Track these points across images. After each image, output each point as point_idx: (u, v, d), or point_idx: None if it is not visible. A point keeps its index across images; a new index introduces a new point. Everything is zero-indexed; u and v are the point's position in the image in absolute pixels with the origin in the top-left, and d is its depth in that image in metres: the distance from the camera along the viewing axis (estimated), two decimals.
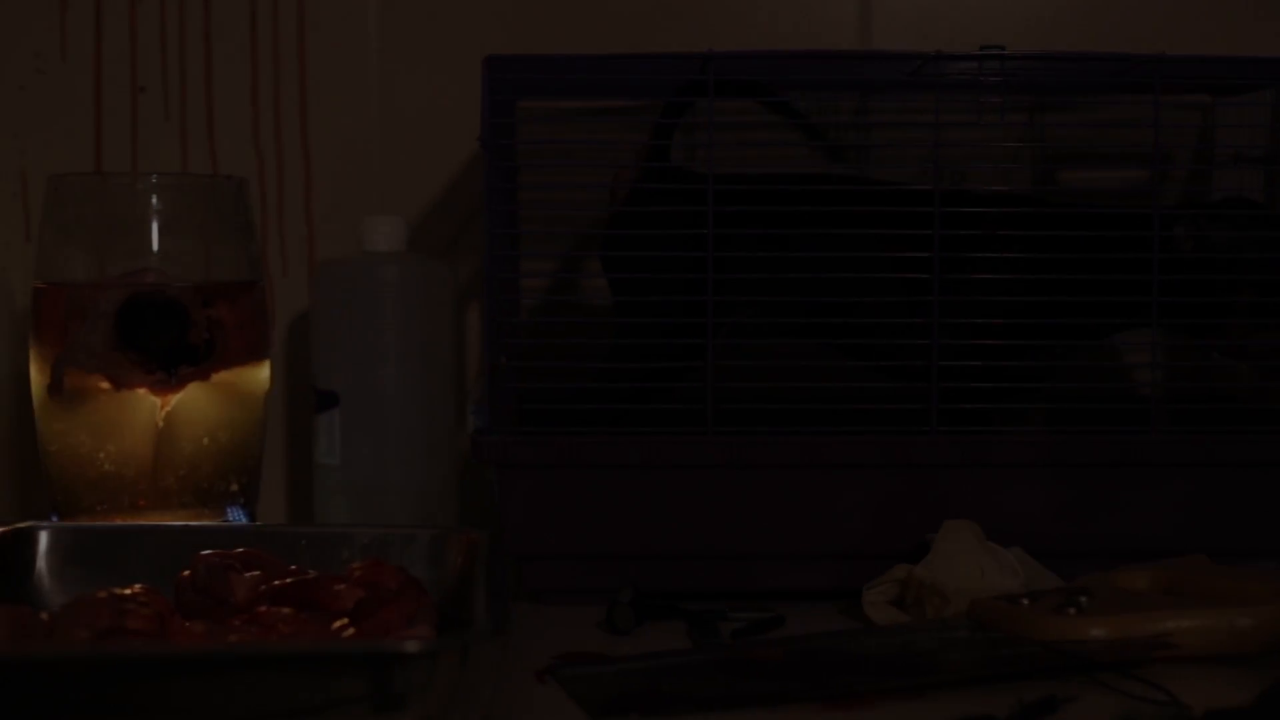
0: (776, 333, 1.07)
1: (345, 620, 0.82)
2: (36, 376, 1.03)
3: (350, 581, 0.86)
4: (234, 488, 1.03)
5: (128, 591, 0.86)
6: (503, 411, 1.01)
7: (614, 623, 0.94)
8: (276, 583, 0.88)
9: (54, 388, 1.01)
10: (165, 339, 1.00)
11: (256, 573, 0.91)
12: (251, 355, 1.04)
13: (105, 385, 1.01)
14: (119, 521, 1.02)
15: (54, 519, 1.04)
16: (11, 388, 1.22)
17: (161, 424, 1.02)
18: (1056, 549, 1.00)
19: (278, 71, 1.25)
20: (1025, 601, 0.90)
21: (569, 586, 1.01)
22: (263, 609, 0.84)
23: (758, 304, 1.03)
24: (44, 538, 0.96)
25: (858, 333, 1.02)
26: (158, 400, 1.02)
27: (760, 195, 1.03)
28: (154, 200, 1.01)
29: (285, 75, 1.25)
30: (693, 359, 1.01)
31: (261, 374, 1.05)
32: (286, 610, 0.83)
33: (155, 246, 1.01)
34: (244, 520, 1.04)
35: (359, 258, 1.14)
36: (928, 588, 0.94)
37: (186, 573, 0.93)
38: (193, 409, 1.01)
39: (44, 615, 0.81)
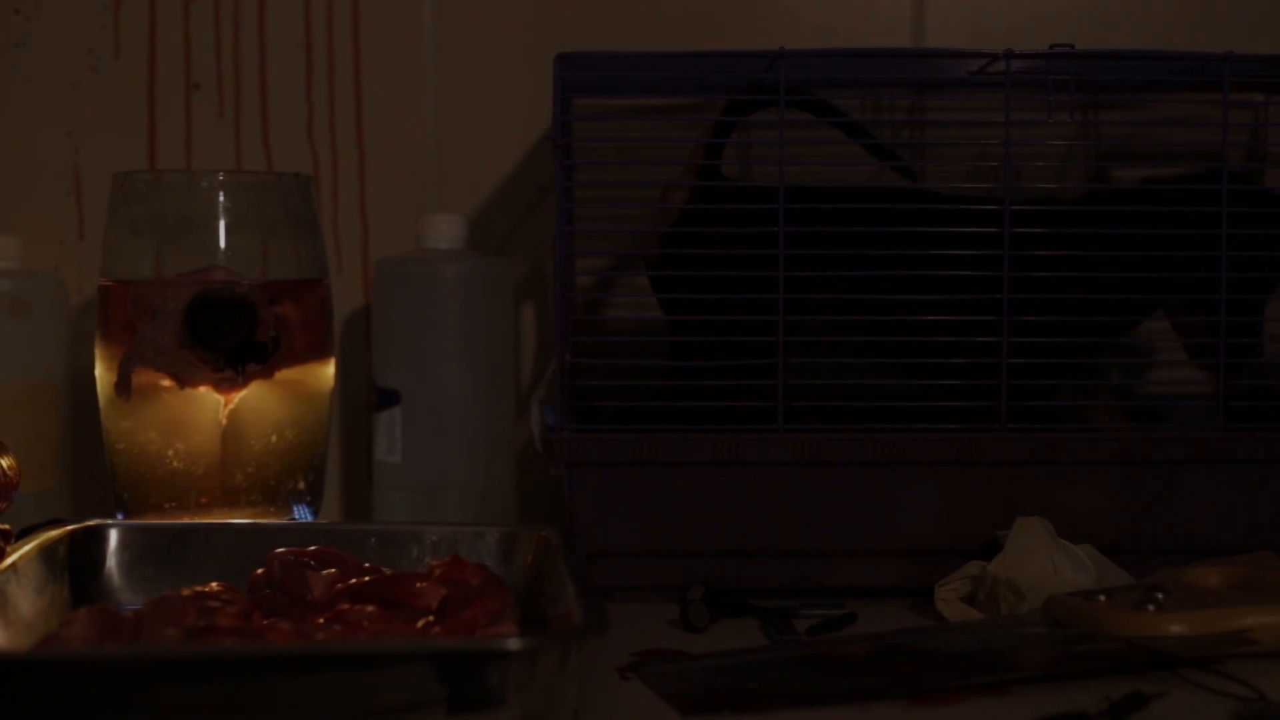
0: (846, 348, 1.07)
1: (430, 618, 0.82)
2: (103, 374, 1.02)
3: (432, 579, 0.86)
4: (300, 486, 1.03)
5: (208, 589, 0.86)
6: (572, 409, 1.01)
7: (688, 620, 0.94)
8: (356, 581, 0.88)
9: (121, 386, 1.00)
10: (234, 337, 0.99)
11: (333, 570, 0.91)
12: (316, 353, 1.03)
13: (170, 383, 1.01)
14: (186, 519, 1.01)
15: (119, 517, 1.04)
16: (69, 385, 1.21)
17: (225, 422, 1.02)
18: (1124, 545, 1.00)
19: (332, 68, 1.24)
20: (1102, 598, 0.90)
21: (639, 584, 1.01)
22: (345, 607, 0.84)
23: (825, 313, 1.03)
24: (114, 536, 0.96)
25: (923, 332, 1.02)
26: (221, 398, 1.02)
27: (821, 204, 1.03)
28: (221, 197, 1.01)
29: (340, 72, 1.24)
30: (754, 364, 1.01)
31: (326, 372, 1.04)
32: (370, 608, 0.83)
33: (222, 244, 1.01)
34: (309, 518, 1.04)
35: (420, 255, 1.14)
36: (1002, 584, 0.94)
37: (260, 571, 0.93)
38: (260, 407, 1.01)
39: (128, 613, 0.81)
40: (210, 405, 1.01)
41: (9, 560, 0.86)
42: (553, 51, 1.23)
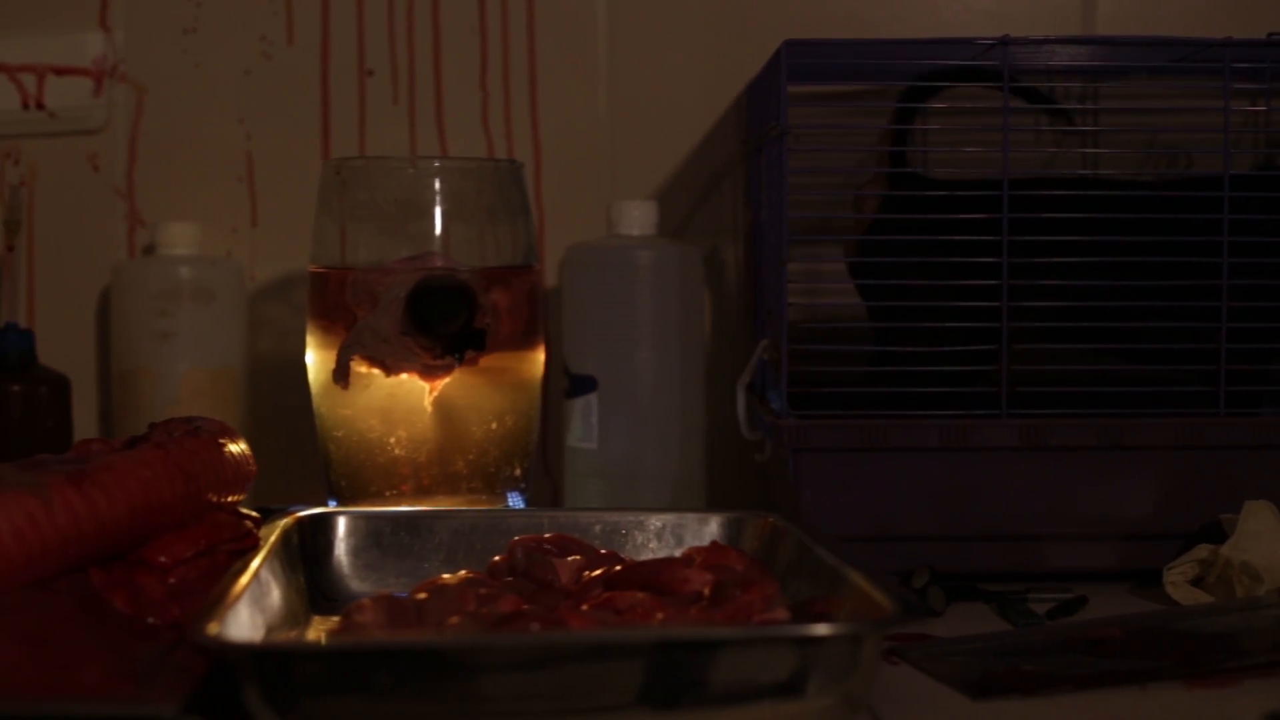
0: (1067, 334, 1.07)
1: (704, 603, 0.82)
2: (318, 362, 1.02)
3: (695, 565, 0.86)
4: (517, 472, 1.03)
5: (476, 577, 0.86)
6: (792, 395, 1.01)
7: (927, 604, 0.94)
8: (608, 568, 0.88)
9: (339, 373, 1.00)
10: (454, 324, 0.99)
11: (577, 557, 0.91)
12: (525, 339, 1.03)
13: (377, 371, 1.00)
14: (405, 506, 1.01)
15: (331, 504, 1.04)
16: (247, 369, 1.21)
17: (430, 409, 1.01)
18: None
19: (507, 54, 1.24)
20: None
21: None
22: (612, 593, 0.84)
23: (1046, 299, 1.04)
24: (342, 523, 0.96)
25: (1141, 318, 1.03)
26: (426, 385, 1.01)
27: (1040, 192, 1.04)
28: (437, 184, 1.01)
29: (515, 58, 1.24)
30: (977, 350, 1.02)
31: (537, 358, 1.04)
32: (640, 594, 0.83)
33: (439, 230, 1.01)
34: (522, 505, 1.04)
35: (613, 242, 1.13)
36: (1236, 567, 0.94)
37: (498, 558, 0.93)
38: (478, 393, 1.01)
39: (409, 601, 0.80)
40: (418, 392, 1.01)
41: (266, 548, 0.86)
42: (728, 37, 1.24)
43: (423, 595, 0.81)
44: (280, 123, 1.24)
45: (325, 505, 1.00)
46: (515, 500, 1.04)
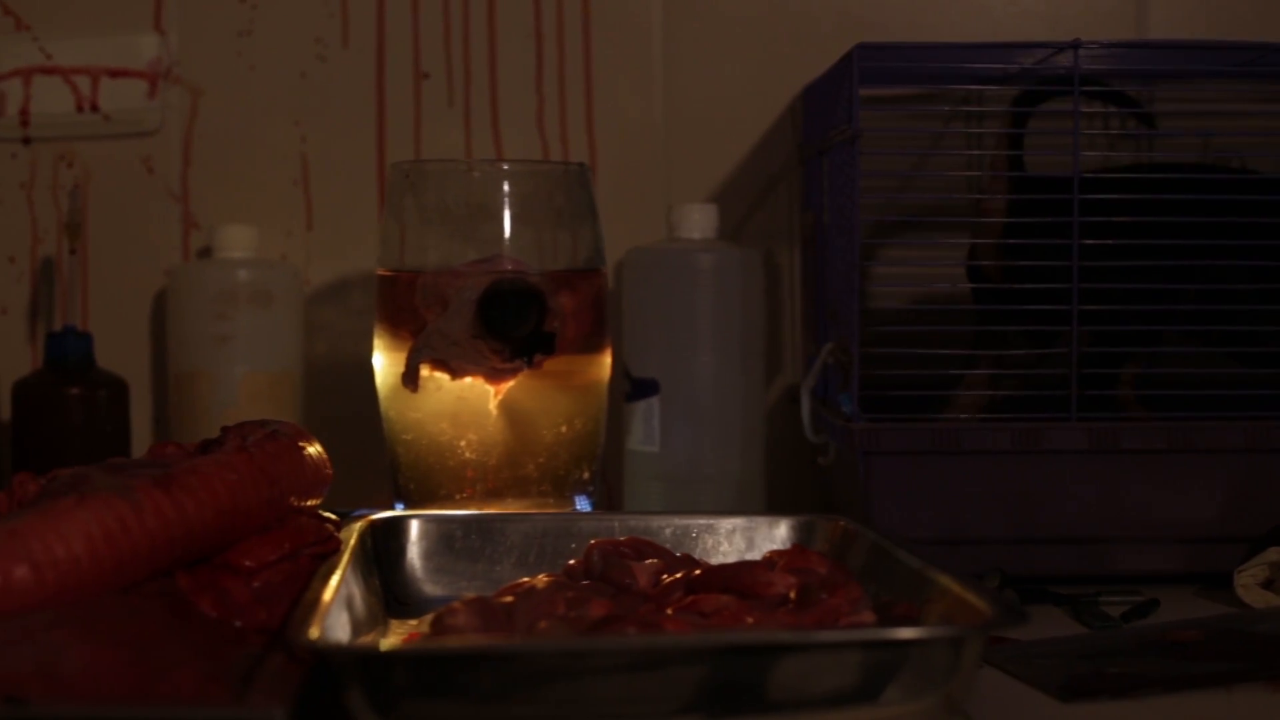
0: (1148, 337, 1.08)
1: (790, 606, 0.82)
2: (387, 365, 1.02)
3: (779, 568, 0.86)
4: (585, 476, 1.03)
5: (560, 580, 0.86)
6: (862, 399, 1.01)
7: (1020, 607, 0.94)
8: (687, 572, 0.88)
9: (409, 377, 1.00)
10: (525, 327, 0.99)
11: (655, 561, 0.91)
12: (595, 342, 1.03)
13: (445, 374, 1.00)
14: (474, 510, 1.01)
15: (398, 507, 1.04)
16: (303, 371, 1.21)
17: (494, 412, 1.01)
18: None
19: (562, 57, 1.24)
20: None
21: None
22: (696, 596, 0.84)
23: (1128, 303, 1.04)
24: (414, 527, 0.95)
25: (1222, 320, 1.03)
26: (491, 389, 1.01)
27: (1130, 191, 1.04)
28: (506, 186, 1.01)
29: (570, 61, 1.24)
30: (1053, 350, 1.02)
31: (605, 361, 1.04)
32: (725, 598, 0.83)
33: (507, 233, 1.01)
34: (589, 508, 1.04)
35: (675, 245, 1.14)
36: None
37: (573, 561, 0.93)
38: (547, 397, 1.01)
39: (499, 605, 0.80)
40: (487, 396, 1.01)
41: (347, 552, 0.86)
42: (782, 41, 1.24)
43: (509, 599, 0.81)
44: (335, 125, 1.25)
45: (385, 509, 1.00)
46: (583, 504, 1.04)
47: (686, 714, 0.69)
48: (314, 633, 0.71)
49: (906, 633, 0.70)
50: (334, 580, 0.79)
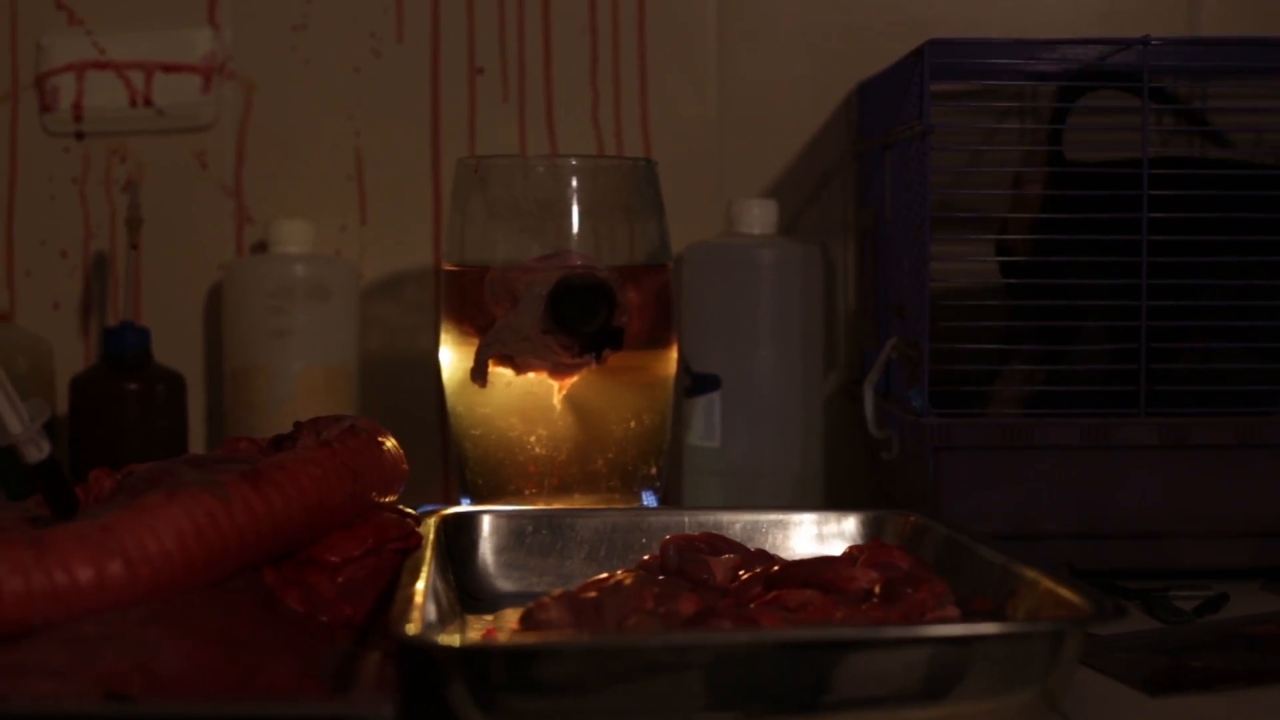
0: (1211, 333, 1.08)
1: (875, 601, 0.82)
2: (455, 361, 1.02)
3: (860, 563, 0.87)
4: (653, 471, 1.03)
5: (644, 575, 0.86)
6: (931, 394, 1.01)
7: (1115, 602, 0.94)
8: (765, 567, 0.88)
9: (477, 372, 1.00)
10: (594, 322, 0.99)
11: (731, 556, 0.91)
12: (661, 337, 1.03)
13: (509, 369, 1.00)
14: (541, 505, 1.01)
15: (465, 502, 1.04)
16: (360, 367, 1.21)
17: (559, 406, 1.01)
18: None
19: (617, 53, 1.24)
20: None
21: None
22: (779, 591, 0.84)
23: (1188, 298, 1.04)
24: (485, 522, 0.96)
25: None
26: (555, 384, 1.01)
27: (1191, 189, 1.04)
28: (574, 182, 1.01)
29: (625, 56, 1.24)
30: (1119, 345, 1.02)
31: (671, 356, 1.04)
32: (809, 593, 0.83)
33: (576, 228, 1.01)
34: (655, 503, 1.04)
35: (736, 240, 1.14)
36: None
37: (647, 556, 0.93)
38: (615, 392, 1.01)
39: (588, 599, 0.80)
40: (549, 391, 1.01)
41: (428, 548, 0.86)
42: (836, 36, 1.24)
43: (592, 594, 0.81)
44: (389, 120, 1.24)
45: (443, 503, 1.00)
46: (649, 499, 1.04)
47: (787, 708, 0.69)
48: (416, 628, 0.71)
49: (1018, 627, 0.71)
50: (423, 576, 0.79)
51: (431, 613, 0.77)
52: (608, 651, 0.69)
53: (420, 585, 0.78)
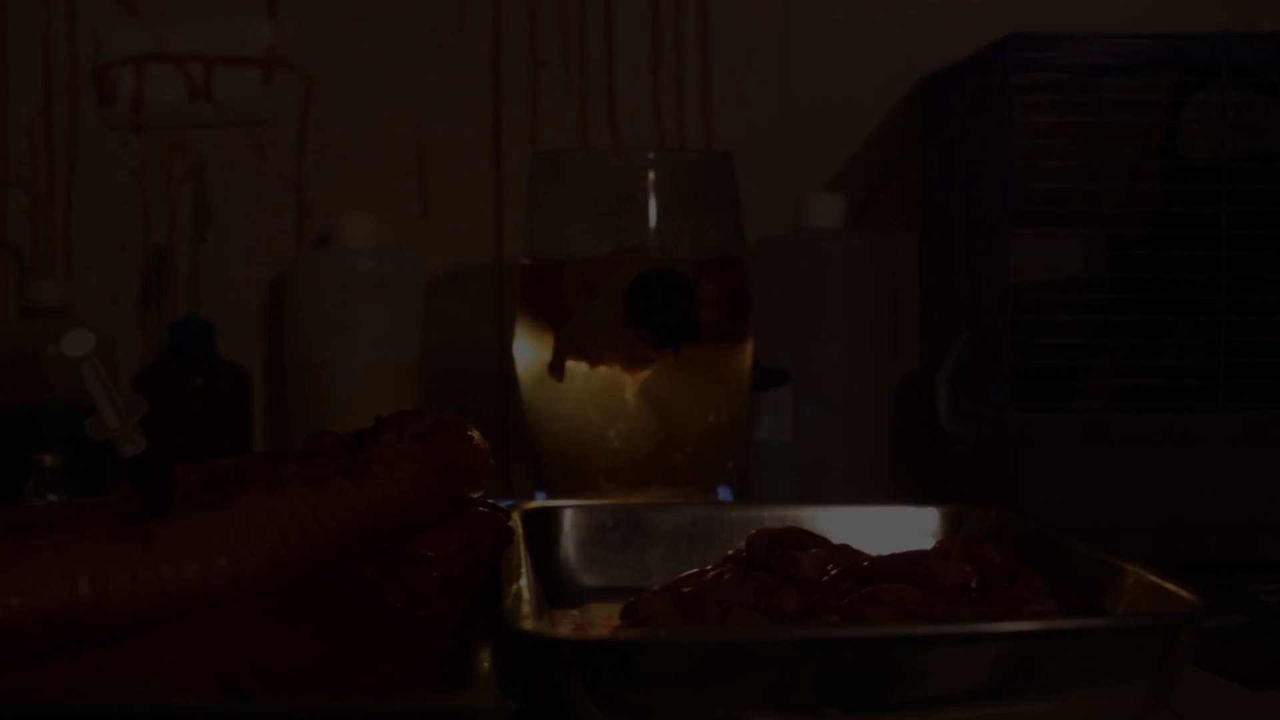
0: None
1: (971, 595, 0.82)
2: (532, 356, 1.02)
3: (953, 557, 0.86)
4: (730, 465, 1.03)
5: (742, 570, 0.86)
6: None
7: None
8: (855, 562, 0.88)
9: (555, 367, 1.00)
10: (673, 316, 0.99)
11: (818, 550, 0.91)
12: (738, 331, 1.03)
13: (582, 362, 1.00)
14: (619, 500, 1.01)
15: (539, 497, 1.04)
16: (422, 361, 1.21)
17: (632, 401, 1.01)
18: None
19: (680, 45, 1.24)
20: None
21: None
22: (873, 586, 0.84)
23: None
24: (567, 517, 0.95)
25: None
26: (629, 378, 1.01)
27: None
28: (652, 175, 1.01)
29: (687, 48, 1.24)
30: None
31: (747, 350, 1.04)
32: (903, 587, 0.83)
33: (653, 222, 1.01)
34: (730, 497, 1.04)
35: (806, 234, 1.13)
36: None
37: (733, 550, 0.93)
38: (693, 387, 1.01)
39: (686, 592, 0.80)
40: (622, 385, 1.01)
41: (522, 543, 0.86)
42: (900, 29, 1.24)
43: (688, 589, 0.81)
44: (451, 113, 1.24)
45: (515, 498, 0.99)
46: (725, 493, 1.04)
47: (897, 704, 0.69)
48: (531, 623, 0.71)
49: (1135, 621, 0.71)
50: (524, 571, 0.79)
51: (535, 607, 0.77)
52: (726, 646, 0.69)
53: (525, 580, 0.78)
